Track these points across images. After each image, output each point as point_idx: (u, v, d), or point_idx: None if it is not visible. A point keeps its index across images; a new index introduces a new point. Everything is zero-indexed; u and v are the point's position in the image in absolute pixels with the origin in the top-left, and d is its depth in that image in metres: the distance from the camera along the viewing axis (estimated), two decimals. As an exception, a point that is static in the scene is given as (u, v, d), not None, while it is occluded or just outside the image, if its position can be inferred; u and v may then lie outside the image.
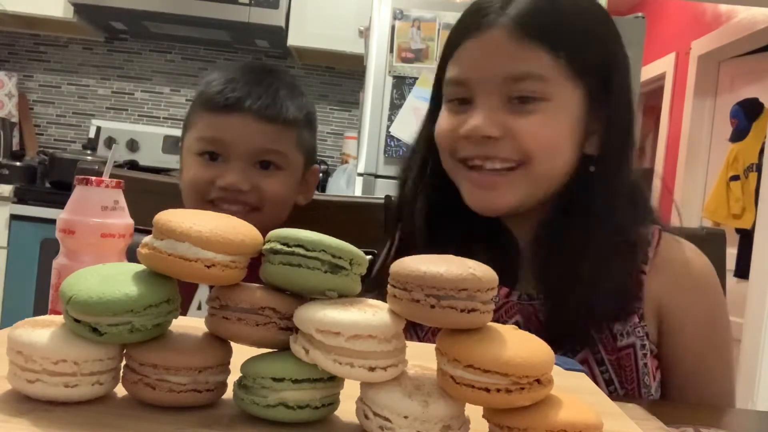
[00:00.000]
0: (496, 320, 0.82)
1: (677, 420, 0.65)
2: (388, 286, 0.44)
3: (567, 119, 0.86)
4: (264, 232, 0.48)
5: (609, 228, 0.86)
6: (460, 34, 0.90)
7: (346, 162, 3.17)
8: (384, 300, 0.45)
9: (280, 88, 1.08)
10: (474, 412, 0.44)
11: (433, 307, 0.41)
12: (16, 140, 3.24)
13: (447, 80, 0.90)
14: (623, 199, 0.88)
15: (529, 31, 0.85)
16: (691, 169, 4.21)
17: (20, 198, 2.67)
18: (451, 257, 0.44)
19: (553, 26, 0.86)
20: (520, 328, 0.81)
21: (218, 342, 0.46)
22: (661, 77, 4.56)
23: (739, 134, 3.86)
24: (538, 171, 0.85)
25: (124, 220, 0.68)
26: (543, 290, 0.89)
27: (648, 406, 0.65)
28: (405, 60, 2.44)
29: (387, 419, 0.41)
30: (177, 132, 1.16)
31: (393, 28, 2.44)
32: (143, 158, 3.16)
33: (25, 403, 0.42)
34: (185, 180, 1.08)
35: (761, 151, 3.50)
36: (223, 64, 1.12)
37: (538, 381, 0.41)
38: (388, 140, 2.43)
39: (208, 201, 1.05)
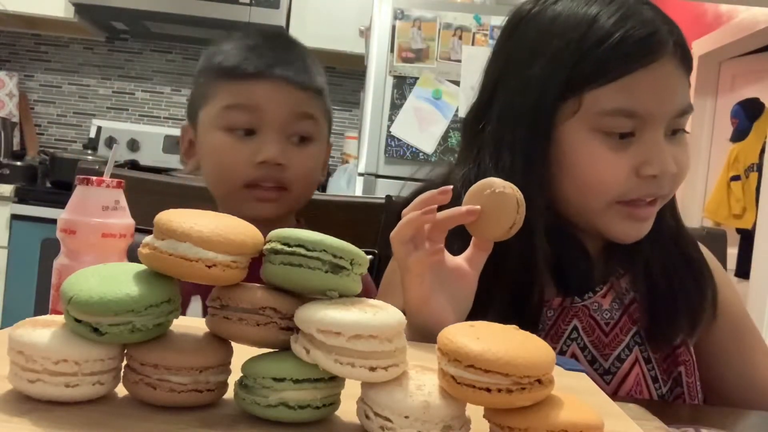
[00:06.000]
0: (555, 331, 0.85)
1: (677, 420, 0.65)
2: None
3: None
4: (290, 215, 0.45)
5: (680, 220, 0.92)
6: (624, 60, 0.79)
7: (347, 162, 3.17)
8: None
9: (305, 56, 1.03)
10: (475, 412, 0.44)
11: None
12: (16, 140, 3.25)
13: (611, 110, 0.79)
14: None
15: (688, 61, 0.83)
16: (691, 169, 4.20)
17: (21, 198, 2.68)
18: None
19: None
20: (578, 333, 0.86)
21: (219, 342, 0.46)
22: (662, 77, 4.55)
23: (739, 134, 3.86)
24: (669, 197, 0.87)
25: (124, 220, 0.68)
26: (634, 283, 0.89)
27: (648, 406, 0.65)
28: (406, 60, 2.45)
29: (388, 419, 0.41)
30: (178, 132, 1.10)
31: (394, 28, 2.44)
32: (144, 158, 3.16)
33: (25, 403, 0.43)
34: (215, 164, 0.99)
35: (762, 151, 3.50)
36: (230, 35, 1.06)
37: (539, 381, 0.41)
38: (389, 140, 2.43)
39: (244, 186, 0.97)
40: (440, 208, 0.70)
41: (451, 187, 0.70)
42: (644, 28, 0.79)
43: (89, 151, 3.09)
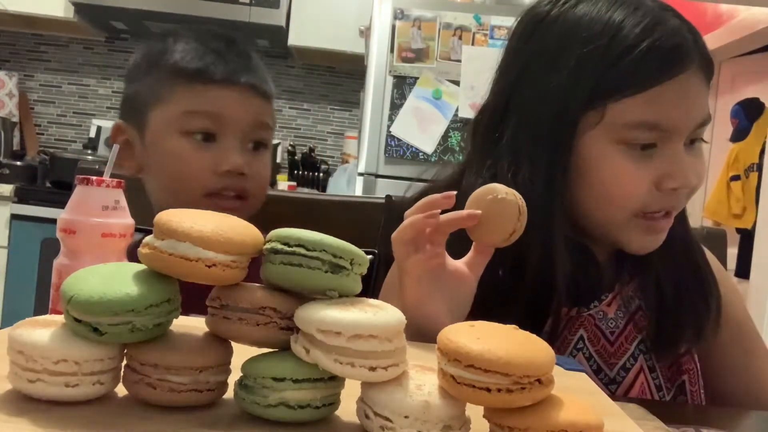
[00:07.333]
0: (562, 341, 0.84)
1: (677, 420, 0.65)
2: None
3: None
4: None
5: (689, 228, 0.91)
6: (652, 72, 0.76)
7: (347, 162, 3.17)
8: None
9: (260, 63, 1.02)
10: (475, 412, 0.44)
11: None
12: (16, 140, 3.25)
13: (635, 123, 0.77)
14: None
15: (710, 71, 0.81)
16: (691, 169, 4.21)
17: (21, 198, 2.68)
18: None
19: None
20: (584, 343, 0.85)
21: (219, 342, 0.46)
22: (662, 77, 4.56)
23: (739, 134, 3.87)
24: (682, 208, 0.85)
25: (124, 220, 0.68)
26: (643, 294, 0.87)
27: (648, 406, 0.65)
28: (405, 60, 2.44)
29: (388, 419, 0.41)
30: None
31: (393, 27, 2.44)
32: (144, 158, 3.15)
33: (25, 402, 0.42)
34: (174, 171, 0.94)
35: (762, 151, 3.50)
36: (177, 29, 1.02)
37: (539, 381, 0.41)
38: (389, 140, 2.43)
39: (205, 195, 0.93)
40: (443, 212, 0.69)
41: (455, 192, 0.69)
42: (671, 38, 0.77)
43: (89, 151, 3.09)
